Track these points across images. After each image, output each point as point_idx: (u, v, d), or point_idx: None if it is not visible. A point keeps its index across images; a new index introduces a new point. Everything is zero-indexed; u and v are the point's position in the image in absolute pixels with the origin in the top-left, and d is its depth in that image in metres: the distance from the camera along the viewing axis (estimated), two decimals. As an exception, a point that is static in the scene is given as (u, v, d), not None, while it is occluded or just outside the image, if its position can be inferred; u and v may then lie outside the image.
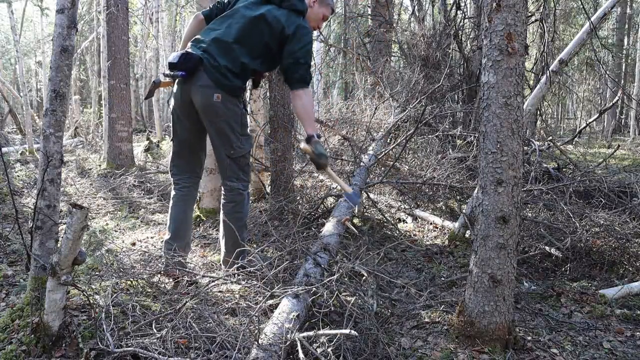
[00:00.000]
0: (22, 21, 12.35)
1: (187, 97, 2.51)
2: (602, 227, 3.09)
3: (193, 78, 2.45)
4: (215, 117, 2.49)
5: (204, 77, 2.44)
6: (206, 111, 2.49)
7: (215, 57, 2.46)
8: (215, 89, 2.45)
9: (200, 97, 2.46)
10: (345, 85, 12.20)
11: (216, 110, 2.47)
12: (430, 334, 2.11)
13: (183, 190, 2.68)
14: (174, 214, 2.66)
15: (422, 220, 4.11)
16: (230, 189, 2.61)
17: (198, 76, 2.45)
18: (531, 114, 4.99)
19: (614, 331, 2.24)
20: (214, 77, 2.44)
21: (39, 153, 1.93)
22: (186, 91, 2.50)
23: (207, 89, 2.44)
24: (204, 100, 2.46)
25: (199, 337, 1.76)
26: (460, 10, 6.70)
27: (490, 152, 1.93)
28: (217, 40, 2.49)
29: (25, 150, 8.35)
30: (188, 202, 2.70)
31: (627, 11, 16.15)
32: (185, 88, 2.50)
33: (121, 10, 7.05)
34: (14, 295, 2.35)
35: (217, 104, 2.46)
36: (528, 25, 4.70)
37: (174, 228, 2.64)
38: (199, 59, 2.44)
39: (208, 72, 2.44)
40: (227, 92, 2.48)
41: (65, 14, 1.88)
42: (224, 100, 2.47)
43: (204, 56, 2.45)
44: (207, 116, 2.51)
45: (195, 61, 2.43)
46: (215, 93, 2.45)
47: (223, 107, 2.47)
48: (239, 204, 2.61)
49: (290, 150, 3.96)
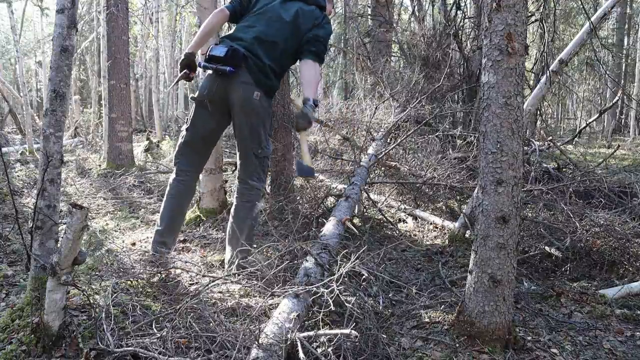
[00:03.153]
0: (22, 21, 12.34)
1: (224, 91, 2.52)
2: (602, 227, 3.09)
3: (235, 74, 2.47)
4: (252, 114, 2.53)
5: (246, 75, 2.48)
6: (245, 107, 2.51)
7: (260, 57, 2.50)
8: (256, 87, 2.49)
9: (241, 94, 2.48)
10: (345, 85, 12.19)
11: (254, 108, 2.51)
12: (430, 334, 2.11)
13: (184, 183, 2.67)
14: (171, 207, 2.64)
15: (422, 220, 4.10)
16: (251, 187, 2.63)
17: (240, 73, 2.47)
18: (531, 114, 4.98)
19: (614, 331, 2.24)
20: (257, 76, 2.49)
21: (39, 153, 1.93)
22: (223, 86, 2.51)
23: (248, 87, 2.48)
24: (244, 97, 2.49)
25: (199, 336, 1.76)
26: (460, 10, 6.70)
27: (490, 152, 1.93)
28: (260, 40, 2.53)
29: (25, 150, 8.35)
30: (186, 197, 2.70)
31: (627, 11, 16.15)
32: (224, 82, 2.51)
33: (121, 10, 7.05)
34: (14, 295, 2.35)
35: (256, 102, 2.50)
36: (528, 25, 4.69)
37: (168, 221, 2.62)
38: (244, 56, 2.46)
39: (251, 70, 2.48)
40: (265, 92, 2.54)
41: (65, 14, 1.88)
42: (261, 99, 2.52)
43: (247, 54, 2.48)
44: (244, 112, 2.53)
45: (241, 58, 2.46)
46: (256, 91, 2.49)
47: (260, 105, 2.53)
48: (254, 204, 2.65)
49: (290, 150, 3.96)
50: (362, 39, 8.51)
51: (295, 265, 2.38)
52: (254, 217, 2.65)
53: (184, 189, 2.67)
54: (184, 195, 2.68)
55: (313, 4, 2.67)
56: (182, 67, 2.65)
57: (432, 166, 4.58)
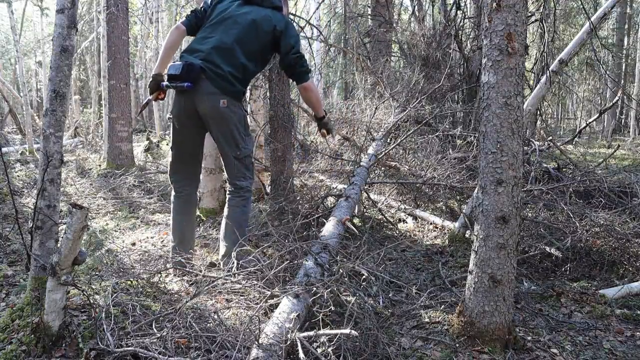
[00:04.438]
0: (22, 21, 12.35)
1: (191, 105, 2.54)
2: (602, 227, 3.09)
3: (197, 87, 2.48)
4: (222, 122, 2.55)
5: (208, 86, 2.49)
6: (214, 117, 2.54)
7: (219, 65, 2.50)
8: (221, 95, 2.50)
9: (207, 105, 2.51)
10: (345, 85, 12.20)
11: (223, 116, 2.53)
12: (430, 334, 2.11)
13: (184, 196, 2.76)
14: (178, 222, 2.75)
15: (422, 220, 4.10)
16: (239, 187, 2.68)
17: (202, 85, 2.48)
18: (531, 114, 4.98)
19: (614, 331, 2.24)
20: (219, 84, 2.50)
21: (39, 153, 1.93)
22: (189, 100, 2.54)
23: (213, 96, 2.49)
24: (211, 107, 2.51)
25: (199, 336, 1.76)
26: (460, 10, 6.70)
27: (490, 152, 1.93)
28: (218, 48, 2.53)
29: (25, 150, 8.35)
30: (190, 209, 2.80)
31: (627, 11, 16.15)
32: (189, 97, 2.53)
33: (121, 10, 7.05)
34: (14, 295, 2.35)
35: (223, 109, 2.52)
36: (528, 25, 4.70)
37: (179, 236, 2.73)
38: (201, 68, 2.47)
39: (212, 80, 2.49)
40: (232, 97, 2.54)
41: (65, 14, 1.88)
42: (229, 105, 2.53)
43: (206, 65, 2.49)
44: (214, 122, 2.56)
45: (198, 71, 2.47)
46: (222, 99, 2.50)
47: (229, 111, 2.54)
48: (246, 199, 2.70)
49: (290, 150, 3.96)
50: (362, 39, 8.51)
51: (295, 265, 2.38)
52: (246, 215, 2.71)
53: (185, 202, 2.77)
54: (187, 208, 2.77)
55: (269, 6, 2.67)
56: (152, 90, 2.67)
57: (432, 166, 4.58)
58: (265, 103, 4.88)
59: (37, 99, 19.77)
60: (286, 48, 2.62)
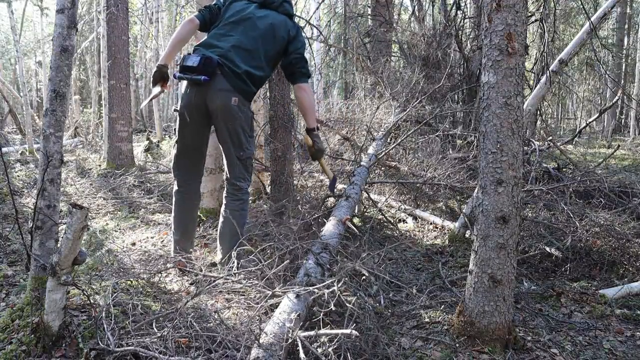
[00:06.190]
0: (22, 21, 12.35)
1: (201, 100, 2.55)
2: (602, 227, 3.09)
3: (210, 82, 2.49)
4: (231, 120, 2.56)
5: (223, 82, 2.50)
6: (224, 114, 2.55)
7: (237, 64, 2.52)
8: (234, 92, 2.52)
9: (219, 101, 2.51)
10: (345, 85, 12.19)
11: (232, 113, 2.54)
12: (430, 334, 2.11)
13: (188, 191, 2.77)
14: (181, 216, 2.76)
15: (422, 220, 4.11)
16: (238, 188, 2.69)
17: (216, 80, 2.49)
18: (531, 114, 4.99)
19: (614, 331, 2.24)
20: (234, 82, 2.51)
21: (39, 153, 1.93)
22: (201, 94, 2.53)
23: (226, 93, 2.51)
24: (222, 104, 2.52)
25: (199, 336, 1.76)
26: (460, 10, 6.70)
27: (490, 152, 1.93)
28: (238, 47, 2.56)
29: (25, 150, 8.34)
30: (193, 203, 2.82)
31: (627, 11, 16.15)
32: (201, 91, 2.53)
33: (121, 10, 7.05)
34: (14, 295, 2.35)
35: (234, 107, 2.53)
36: (528, 25, 4.69)
37: (182, 229, 2.76)
38: (218, 63, 2.48)
39: (227, 77, 2.50)
40: (243, 97, 2.57)
41: (65, 14, 1.88)
42: (239, 104, 2.55)
43: (222, 61, 2.50)
44: (223, 118, 2.56)
45: (215, 65, 2.48)
46: (234, 97, 2.52)
47: (239, 110, 2.56)
48: (245, 202, 2.71)
49: (290, 150, 3.96)
50: (362, 39, 8.50)
51: (295, 265, 2.38)
52: (244, 215, 2.72)
53: (189, 197, 2.78)
54: (190, 203, 2.79)
55: (284, 14, 2.73)
56: (156, 80, 2.64)
57: (432, 166, 4.59)
58: (265, 103, 4.89)
59: (37, 99, 19.76)
60: (291, 49, 2.68)
